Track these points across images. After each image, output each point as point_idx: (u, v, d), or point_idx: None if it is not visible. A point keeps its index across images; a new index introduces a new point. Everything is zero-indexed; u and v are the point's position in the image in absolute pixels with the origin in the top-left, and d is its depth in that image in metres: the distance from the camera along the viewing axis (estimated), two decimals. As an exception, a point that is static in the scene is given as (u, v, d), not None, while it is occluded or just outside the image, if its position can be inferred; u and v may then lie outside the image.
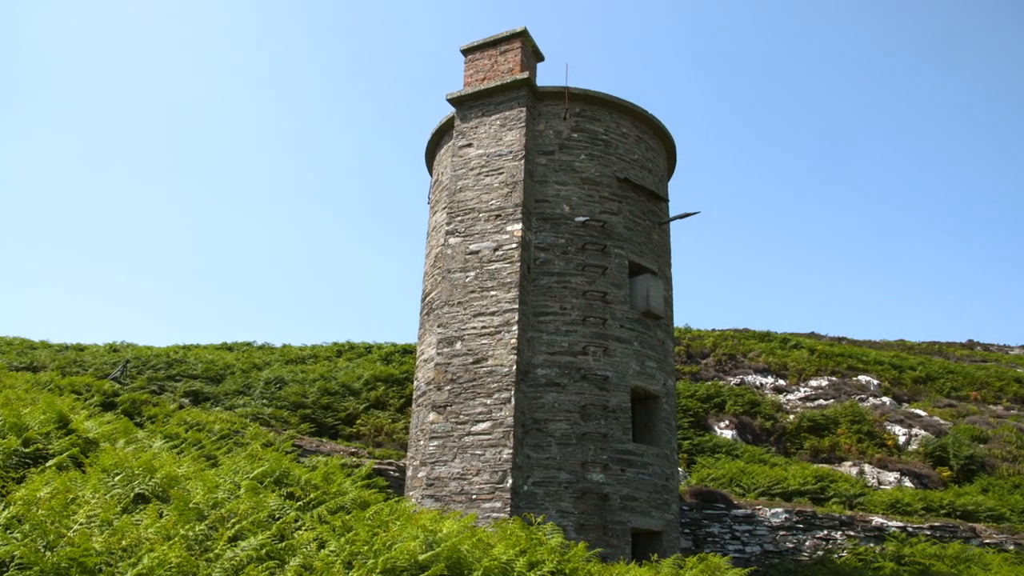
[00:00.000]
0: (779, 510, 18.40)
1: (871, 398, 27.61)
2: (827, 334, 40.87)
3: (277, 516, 6.59)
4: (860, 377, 29.72)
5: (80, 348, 25.92)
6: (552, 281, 15.03)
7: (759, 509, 18.44)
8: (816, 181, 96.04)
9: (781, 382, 28.84)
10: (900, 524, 18.68)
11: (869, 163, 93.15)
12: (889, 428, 24.85)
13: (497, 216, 15.26)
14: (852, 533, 18.26)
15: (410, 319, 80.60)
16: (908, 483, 21.74)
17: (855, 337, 41.66)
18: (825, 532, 18.26)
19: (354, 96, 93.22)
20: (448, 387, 14.32)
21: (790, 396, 27.77)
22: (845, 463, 22.82)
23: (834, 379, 28.98)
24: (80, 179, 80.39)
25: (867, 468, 22.40)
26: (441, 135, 18.23)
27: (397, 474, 17.41)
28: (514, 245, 14.85)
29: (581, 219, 15.60)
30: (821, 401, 27.07)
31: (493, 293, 14.64)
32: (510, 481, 13.03)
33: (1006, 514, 20.06)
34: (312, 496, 7.63)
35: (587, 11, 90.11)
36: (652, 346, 15.60)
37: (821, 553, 17.75)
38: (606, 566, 9.29)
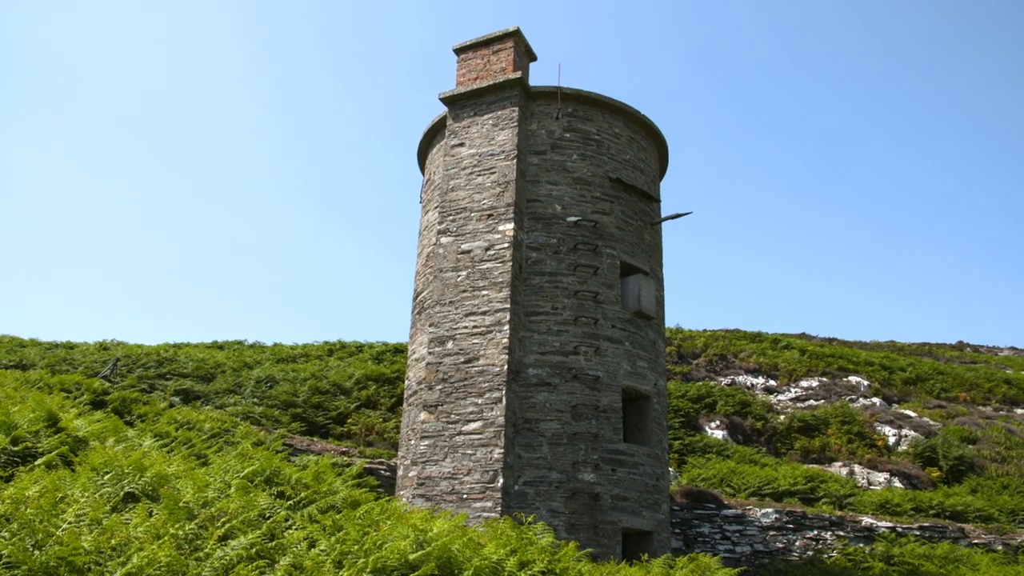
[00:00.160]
0: (769, 510, 18.45)
1: (861, 399, 27.71)
2: (818, 335, 41.04)
3: (267, 515, 6.58)
4: (850, 378, 29.82)
5: (70, 346, 25.80)
6: (544, 281, 15.03)
7: (749, 509, 18.48)
8: (808, 182, 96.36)
9: (772, 382, 28.91)
10: (889, 524, 18.74)
11: (861, 165, 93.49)
12: (879, 429, 24.93)
13: (489, 216, 15.26)
14: (842, 533, 18.32)
15: (401, 318, 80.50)
16: (898, 483, 21.82)
17: (846, 338, 41.84)
18: (815, 532, 18.31)
19: (346, 95, 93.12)
20: (439, 386, 14.31)
21: (781, 396, 27.84)
22: (835, 463, 22.89)
23: (824, 380, 29.07)
24: (71, 177, 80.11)
25: (857, 468, 22.47)
26: (433, 134, 18.21)
27: (388, 473, 17.39)
28: (506, 245, 14.84)
29: (573, 219, 15.60)
30: (812, 402, 27.15)
31: (485, 293, 14.63)
32: (501, 481, 13.03)
33: (994, 514, 20.15)
34: (302, 495, 7.61)
35: (580, 11, 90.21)
36: (643, 346, 15.61)
37: (811, 553, 17.80)
38: (596, 566, 9.30)
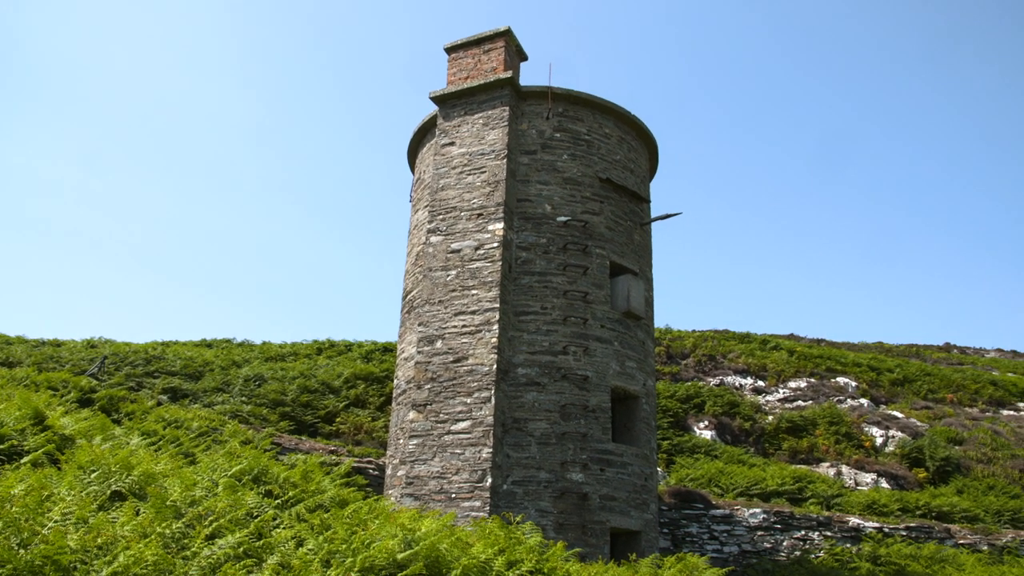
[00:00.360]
0: (757, 510, 18.50)
1: (849, 400, 27.81)
2: (806, 336, 41.21)
3: (255, 514, 6.55)
4: (838, 379, 29.93)
5: (57, 344, 25.67)
6: (533, 281, 15.04)
7: (737, 509, 18.52)
8: (798, 183, 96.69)
9: (760, 383, 28.99)
10: (876, 525, 18.82)
11: (852, 166, 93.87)
12: (867, 429, 25.04)
13: (479, 215, 15.25)
14: (829, 533, 18.38)
15: (391, 317, 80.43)
16: (885, 484, 21.91)
17: (834, 339, 42.02)
18: (802, 532, 18.37)
19: (336, 93, 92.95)
20: (428, 386, 14.30)
21: (769, 397, 27.92)
22: (823, 464, 22.97)
23: (813, 380, 29.17)
24: (58, 174, 79.70)
25: (844, 469, 22.55)
26: (424, 133, 18.19)
27: (376, 473, 17.36)
28: (495, 244, 14.84)
29: (563, 219, 15.61)
30: (800, 402, 27.23)
31: (474, 292, 14.62)
32: (489, 480, 13.03)
33: (980, 515, 20.26)
34: (291, 494, 7.59)
35: (571, 10, 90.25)
36: (632, 346, 15.63)
37: (798, 553, 17.85)
38: (585, 565, 9.31)
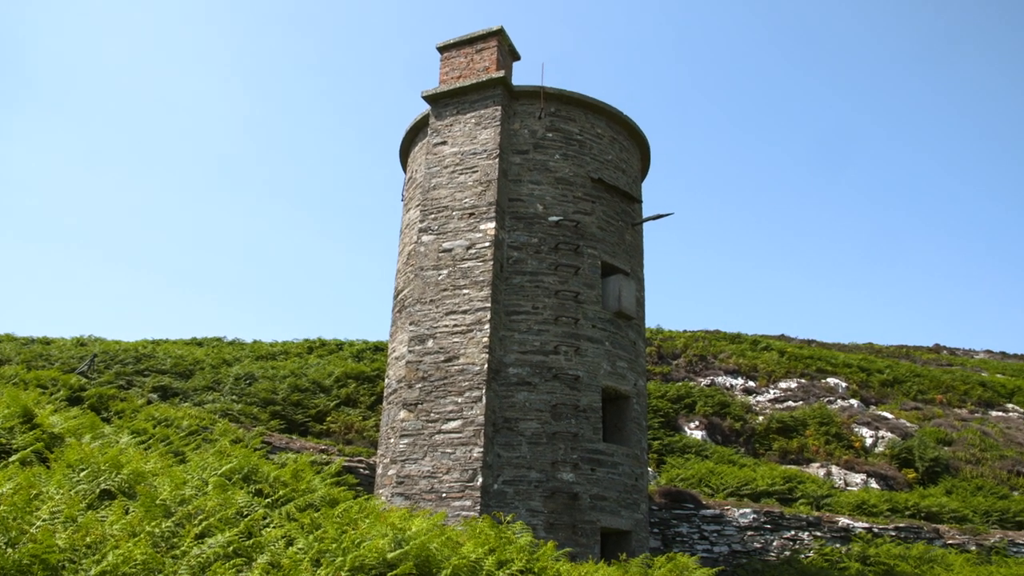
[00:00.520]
0: (747, 510, 18.54)
1: (839, 400, 27.89)
2: (797, 336, 41.31)
3: (245, 513, 6.54)
4: (829, 379, 30.02)
5: (46, 342, 25.55)
6: (525, 280, 15.04)
7: (727, 509, 18.56)
8: (790, 184, 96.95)
9: (751, 383, 29.05)
10: (866, 525, 18.89)
11: (843, 167, 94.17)
12: (856, 430, 25.12)
13: (471, 214, 15.25)
14: (819, 534, 18.43)
15: (382, 316, 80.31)
16: (874, 484, 21.99)
17: (824, 340, 42.16)
18: (792, 532, 18.42)
19: (328, 91, 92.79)
20: (419, 385, 14.29)
21: (760, 397, 27.98)
22: (813, 464, 23.03)
23: (803, 381, 29.24)
24: (48, 172, 79.35)
25: (834, 469, 22.62)
26: (416, 132, 18.17)
27: (367, 472, 17.34)
28: (487, 244, 14.84)
29: (554, 219, 15.62)
30: (790, 403, 27.30)
31: (466, 291, 14.62)
32: (480, 480, 13.03)
33: (969, 515, 20.35)
34: (281, 493, 7.57)
35: (564, 10, 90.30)
36: (623, 346, 15.65)
37: (788, 553, 17.90)
38: (575, 565, 9.31)
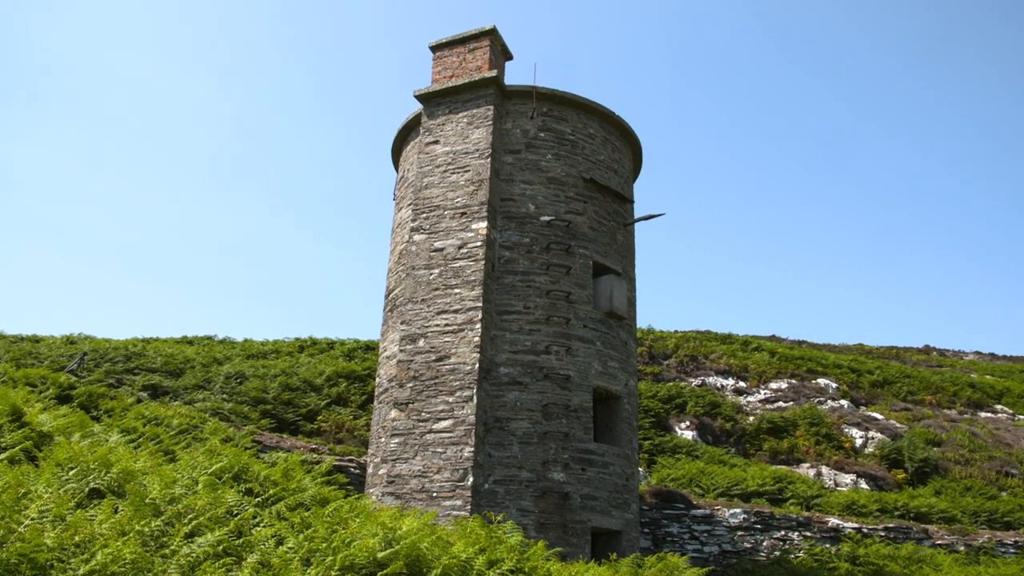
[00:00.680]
0: (737, 511, 18.58)
1: (829, 401, 27.98)
2: (787, 337, 41.40)
3: (235, 512, 6.52)
4: (819, 380, 30.11)
5: (36, 340, 25.43)
6: (516, 280, 15.04)
7: (718, 509, 18.60)
8: (782, 185, 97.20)
9: (742, 384, 29.12)
10: (855, 525, 18.95)
11: (836, 169, 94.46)
12: (846, 431, 25.20)
13: (462, 214, 15.24)
14: (809, 534, 18.49)
15: (373, 315, 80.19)
16: (864, 485, 22.07)
17: (815, 340, 42.28)
18: (782, 532, 18.47)
19: (320, 90, 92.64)
20: (410, 384, 14.28)
21: (750, 398, 28.04)
22: (803, 465, 23.10)
23: (794, 382, 29.32)
24: (37, 168, 79.02)
25: (824, 470, 22.69)
26: (408, 131, 18.16)
27: (358, 471, 17.32)
28: (479, 243, 14.83)
29: (546, 218, 15.63)
30: (780, 403, 27.37)
31: (457, 291, 14.61)
32: (471, 479, 13.02)
33: (957, 516, 20.45)
34: (271, 492, 7.55)
35: (557, 10, 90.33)
36: (615, 346, 15.67)
37: (778, 553, 17.95)
38: (565, 565, 9.31)
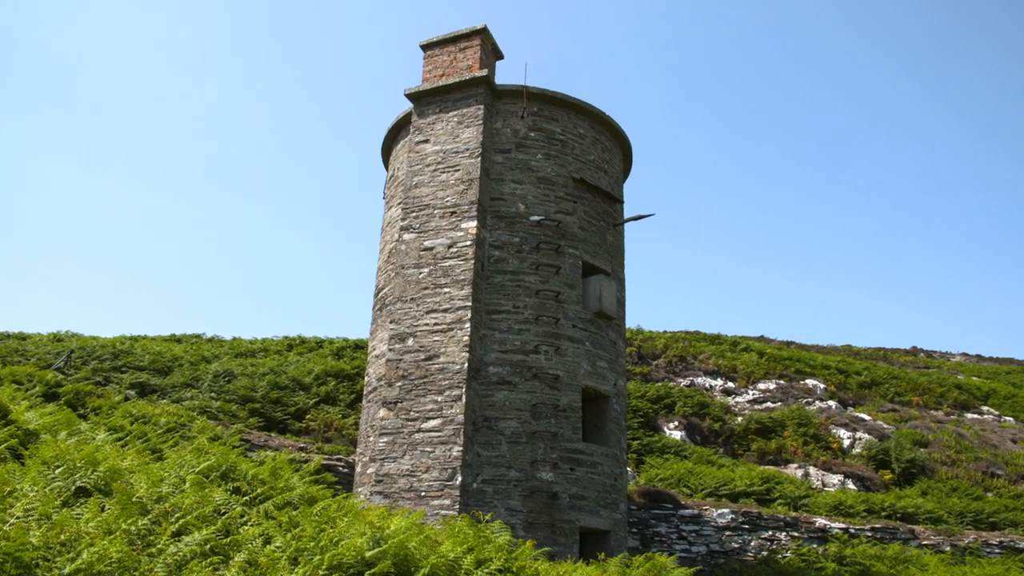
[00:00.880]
0: (725, 511, 18.63)
1: (817, 402, 28.08)
2: (776, 338, 41.52)
3: (223, 511, 6.50)
4: (807, 381, 30.21)
5: (22, 337, 25.30)
6: (506, 279, 15.04)
7: (706, 509, 18.65)
8: (771, 186, 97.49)
9: (730, 384, 29.20)
10: (843, 525, 19.03)
11: (826, 170, 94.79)
12: (834, 431, 25.30)
13: (452, 213, 15.23)
14: (796, 534, 18.56)
15: (362, 314, 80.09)
16: (851, 485, 22.16)
17: (803, 341, 42.42)
18: (770, 533, 18.53)
19: (310, 88, 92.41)
20: (399, 383, 14.26)
21: (739, 398, 28.12)
22: (791, 465, 23.18)
23: (782, 382, 29.42)
24: (24, 166, 78.59)
25: (812, 470, 22.78)
26: (398, 130, 18.14)
27: (346, 470, 17.29)
28: (468, 242, 14.83)
29: (536, 218, 15.63)
30: (769, 404, 27.46)
31: (446, 290, 14.61)
32: (459, 479, 13.02)
33: (944, 516, 20.56)
34: (259, 491, 7.54)
35: (548, 10, 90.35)
36: (604, 346, 15.69)
37: (766, 553, 18.01)
38: (553, 564, 9.32)
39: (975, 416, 30.46)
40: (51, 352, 22.00)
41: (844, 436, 25.07)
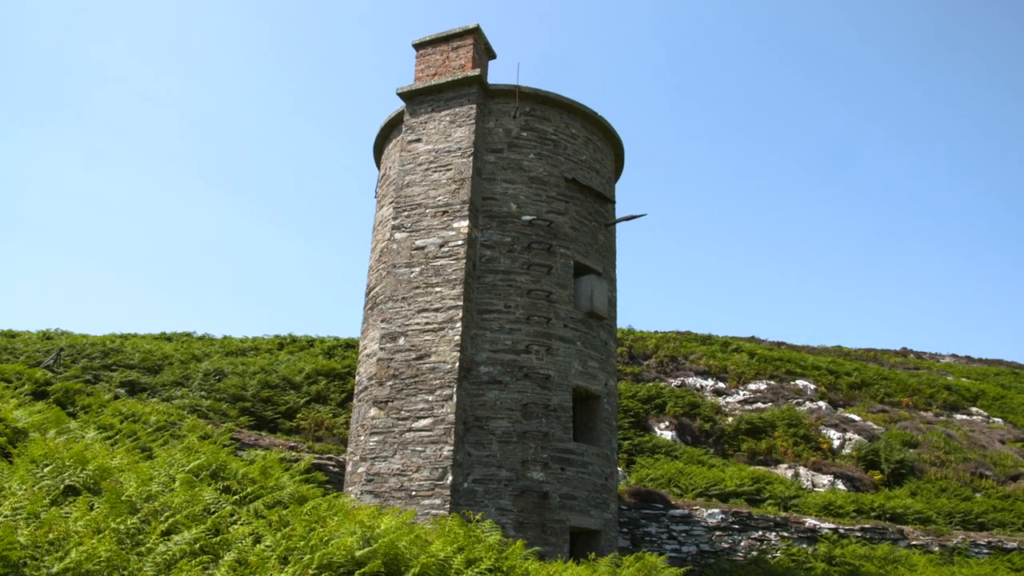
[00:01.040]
0: (716, 511, 18.67)
1: (808, 402, 28.16)
2: (767, 338, 41.59)
3: (212, 510, 6.49)
4: (798, 381, 30.29)
5: (11, 335, 25.20)
6: (497, 279, 15.04)
7: (696, 509, 18.69)
8: (763, 186, 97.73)
9: (721, 385, 29.26)
10: (832, 526, 19.09)
11: (819, 171, 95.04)
12: (824, 432, 25.37)
13: (444, 212, 15.22)
14: (786, 534, 18.61)
15: (353, 313, 79.95)
16: (841, 486, 22.23)
17: (794, 342, 42.49)
18: (760, 533, 18.57)
19: (301, 86, 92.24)
20: (390, 383, 14.25)
21: (729, 399, 28.18)
22: (781, 465, 23.24)
23: (772, 383, 29.49)
24: (14, 164, 78.23)
25: (802, 471, 22.84)
26: (390, 129, 18.12)
27: (337, 469, 17.27)
28: (460, 242, 14.82)
29: (528, 218, 15.63)
30: (759, 404, 27.52)
31: (438, 289, 14.60)
32: (450, 478, 13.01)
33: (933, 517, 20.65)
34: (249, 490, 7.53)
35: (541, 10, 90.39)
36: (595, 346, 15.70)
37: (755, 553, 18.05)
38: (544, 564, 9.33)
39: (964, 417, 30.58)
40: (40, 350, 21.92)
41: (834, 437, 25.15)
